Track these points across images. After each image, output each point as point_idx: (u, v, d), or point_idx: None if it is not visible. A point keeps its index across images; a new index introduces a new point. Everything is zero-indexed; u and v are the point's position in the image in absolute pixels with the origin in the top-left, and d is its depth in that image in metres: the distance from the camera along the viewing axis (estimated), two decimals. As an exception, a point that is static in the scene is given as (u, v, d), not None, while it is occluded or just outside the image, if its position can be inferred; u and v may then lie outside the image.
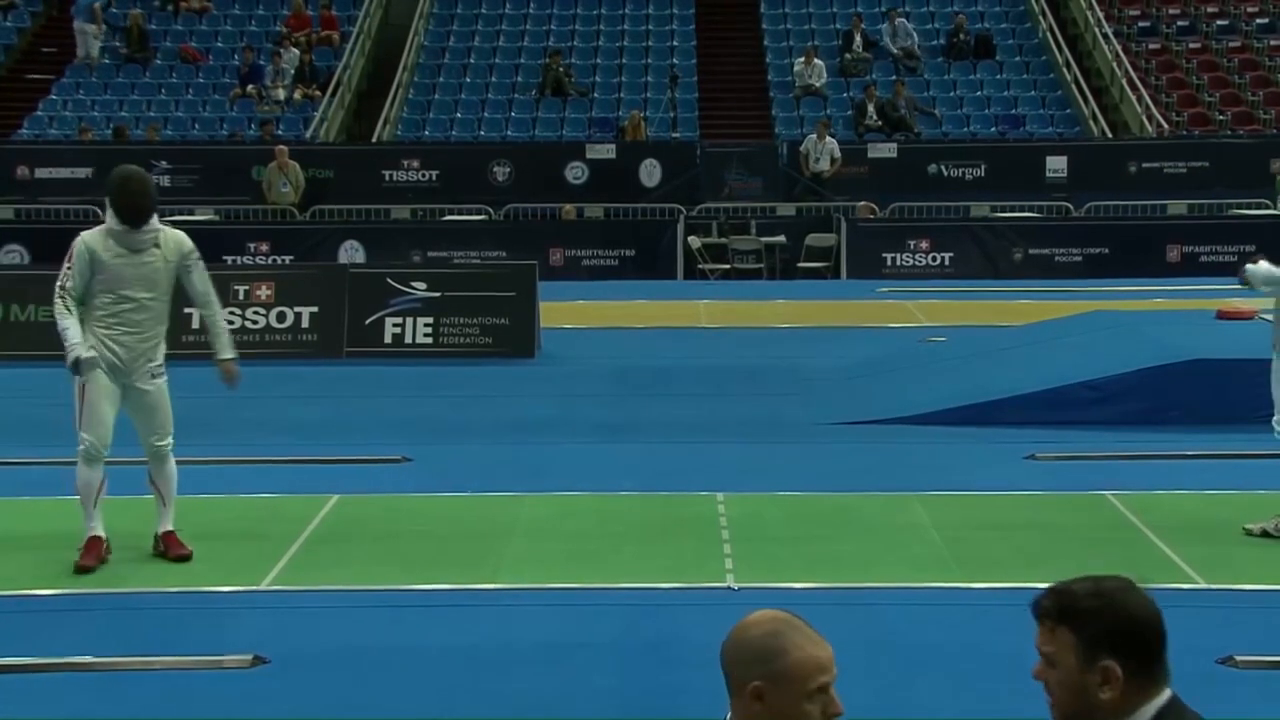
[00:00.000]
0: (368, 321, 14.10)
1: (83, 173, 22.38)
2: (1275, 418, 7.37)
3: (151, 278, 7.26)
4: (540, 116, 25.01)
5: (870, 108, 24.33)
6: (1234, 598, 6.85)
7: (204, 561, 7.36)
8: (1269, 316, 7.67)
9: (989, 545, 7.65)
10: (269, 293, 14.15)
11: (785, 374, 12.96)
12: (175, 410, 7.48)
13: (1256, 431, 7.54)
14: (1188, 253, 20.11)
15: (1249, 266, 7.50)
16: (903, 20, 26.00)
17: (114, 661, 5.98)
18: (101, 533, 7.32)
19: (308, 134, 24.14)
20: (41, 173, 22.54)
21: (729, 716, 2.71)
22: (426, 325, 14.07)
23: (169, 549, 7.33)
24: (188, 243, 7.39)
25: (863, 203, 21.88)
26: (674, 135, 23.95)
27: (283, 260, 19.69)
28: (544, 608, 6.70)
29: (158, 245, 7.29)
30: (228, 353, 7.52)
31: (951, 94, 25.56)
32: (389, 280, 14.32)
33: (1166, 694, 2.68)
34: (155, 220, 7.32)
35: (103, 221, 7.34)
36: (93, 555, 7.21)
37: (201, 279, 7.44)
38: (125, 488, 7.92)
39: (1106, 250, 20.91)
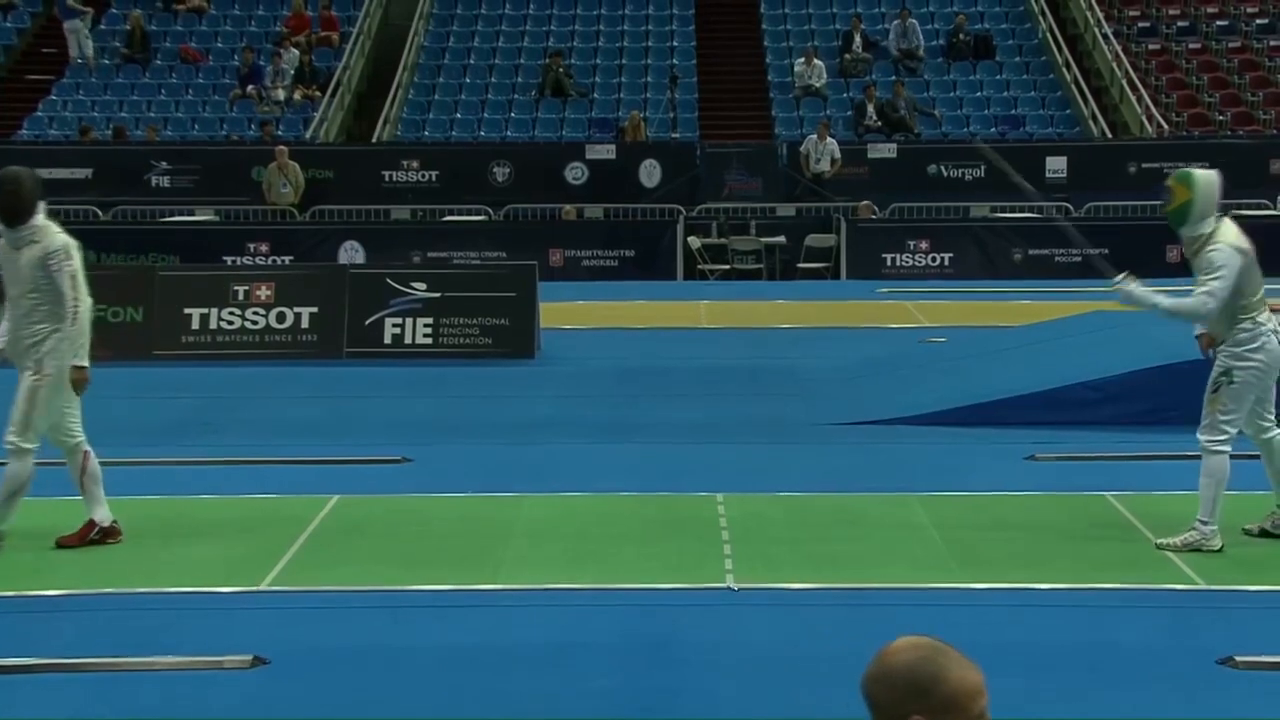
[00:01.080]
0: (368, 322, 14.10)
1: (82, 173, 22.38)
2: (1200, 425, 7.33)
3: (18, 275, 7.38)
4: (540, 117, 25.01)
5: (870, 108, 24.33)
6: (1234, 598, 6.85)
7: (204, 561, 7.36)
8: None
9: (989, 545, 7.65)
10: (269, 293, 14.15)
11: (785, 374, 12.96)
12: (176, 410, 7.50)
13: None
14: (1187, 253, 20.10)
15: (1126, 287, 7.35)
16: (914, 21, 26.03)
17: (114, 661, 5.98)
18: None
19: (308, 134, 24.14)
20: (41, 173, 22.46)
21: None
22: (426, 326, 14.07)
23: (76, 532, 7.48)
24: (55, 243, 7.35)
25: (864, 202, 21.88)
26: (674, 136, 23.95)
27: (283, 260, 19.69)
28: (544, 608, 6.70)
29: (36, 242, 7.35)
30: (76, 359, 7.31)
31: (951, 94, 25.57)
32: (389, 281, 14.32)
33: None
34: (37, 219, 7.35)
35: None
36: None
37: (67, 282, 7.31)
38: (120, 488, 7.93)
39: (1106, 250, 20.85)
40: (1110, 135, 24.27)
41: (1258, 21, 27.03)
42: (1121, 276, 7.44)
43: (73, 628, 6.50)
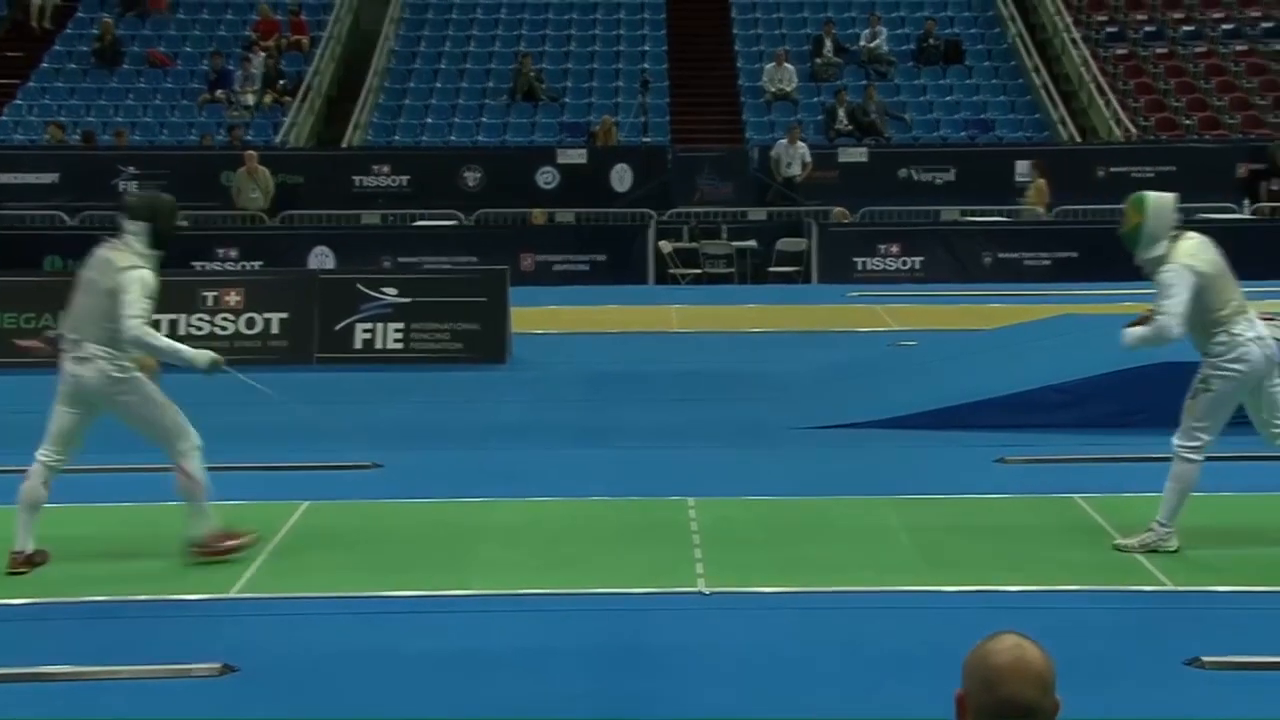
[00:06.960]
0: (338, 327, 14.05)
1: (49, 178, 22.23)
2: (1177, 430, 7.38)
3: None
4: (511, 121, 24.99)
5: (841, 112, 24.40)
6: (1201, 599, 6.89)
7: (173, 569, 7.32)
8: None
9: (959, 548, 7.68)
10: (238, 299, 14.10)
11: (756, 378, 12.98)
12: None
13: (1224, 434, 7.58)
14: (1156, 256, 20.19)
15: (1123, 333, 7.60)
16: (882, 26, 26.15)
17: (81, 671, 5.94)
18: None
19: (277, 139, 24.05)
20: (6, 178, 22.36)
21: None
22: (397, 331, 14.04)
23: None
24: None
25: (838, 208, 21.96)
26: (645, 140, 23.96)
27: (252, 266, 19.61)
28: (516, 613, 6.69)
29: None
30: None
31: (921, 99, 25.66)
32: (359, 286, 14.28)
33: None
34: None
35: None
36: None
37: None
38: (87, 496, 7.88)
39: (1075, 254, 21.01)
40: (1079, 139, 24.40)
41: (1223, 27, 27.23)
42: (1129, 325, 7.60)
43: (38, 637, 6.45)
